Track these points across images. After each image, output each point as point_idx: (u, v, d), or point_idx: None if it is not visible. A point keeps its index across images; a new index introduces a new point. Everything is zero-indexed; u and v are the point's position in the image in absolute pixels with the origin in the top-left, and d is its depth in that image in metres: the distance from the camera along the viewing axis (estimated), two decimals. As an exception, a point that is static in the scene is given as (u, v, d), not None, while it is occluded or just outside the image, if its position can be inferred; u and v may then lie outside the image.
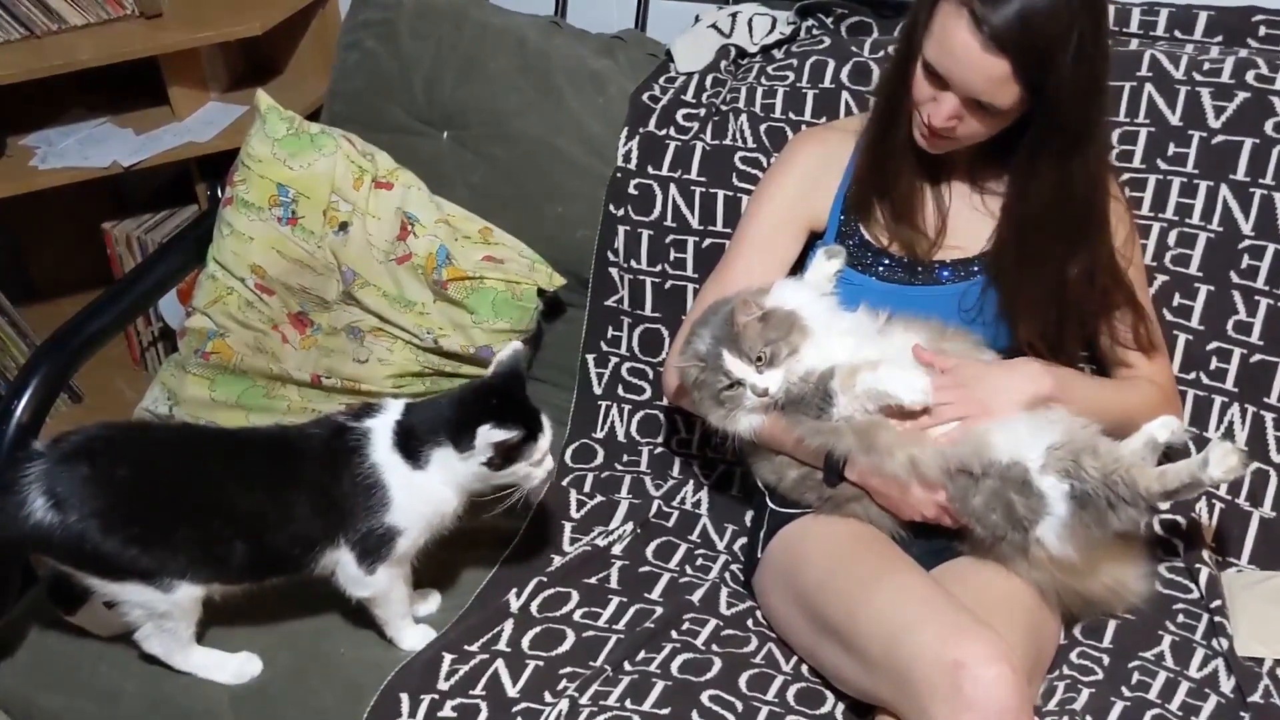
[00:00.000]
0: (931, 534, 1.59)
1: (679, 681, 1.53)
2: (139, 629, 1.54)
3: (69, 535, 1.44)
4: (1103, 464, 1.45)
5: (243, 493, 1.51)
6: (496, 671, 1.55)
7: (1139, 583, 1.63)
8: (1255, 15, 1.83)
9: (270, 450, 1.56)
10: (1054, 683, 1.54)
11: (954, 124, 1.52)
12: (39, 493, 1.44)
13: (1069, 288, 1.61)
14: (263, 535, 1.51)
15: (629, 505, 1.88)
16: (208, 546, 1.49)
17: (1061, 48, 1.43)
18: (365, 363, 2.00)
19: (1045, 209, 1.57)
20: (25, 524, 1.44)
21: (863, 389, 1.50)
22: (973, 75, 1.46)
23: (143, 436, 1.63)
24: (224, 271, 2.03)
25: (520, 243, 2.05)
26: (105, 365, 2.66)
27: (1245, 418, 1.73)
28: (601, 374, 2.02)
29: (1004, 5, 1.41)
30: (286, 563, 1.53)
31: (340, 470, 1.51)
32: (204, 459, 1.55)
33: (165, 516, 1.48)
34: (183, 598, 1.50)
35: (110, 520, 1.45)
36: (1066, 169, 1.54)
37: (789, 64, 1.97)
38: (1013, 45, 1.42)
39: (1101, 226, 1.62)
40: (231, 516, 1.50)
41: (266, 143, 2.02)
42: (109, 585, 1.50)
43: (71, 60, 2.29)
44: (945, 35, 1.47)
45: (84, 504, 1.45)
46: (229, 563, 1.51)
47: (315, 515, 1.51)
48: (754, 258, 1.72)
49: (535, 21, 2.17)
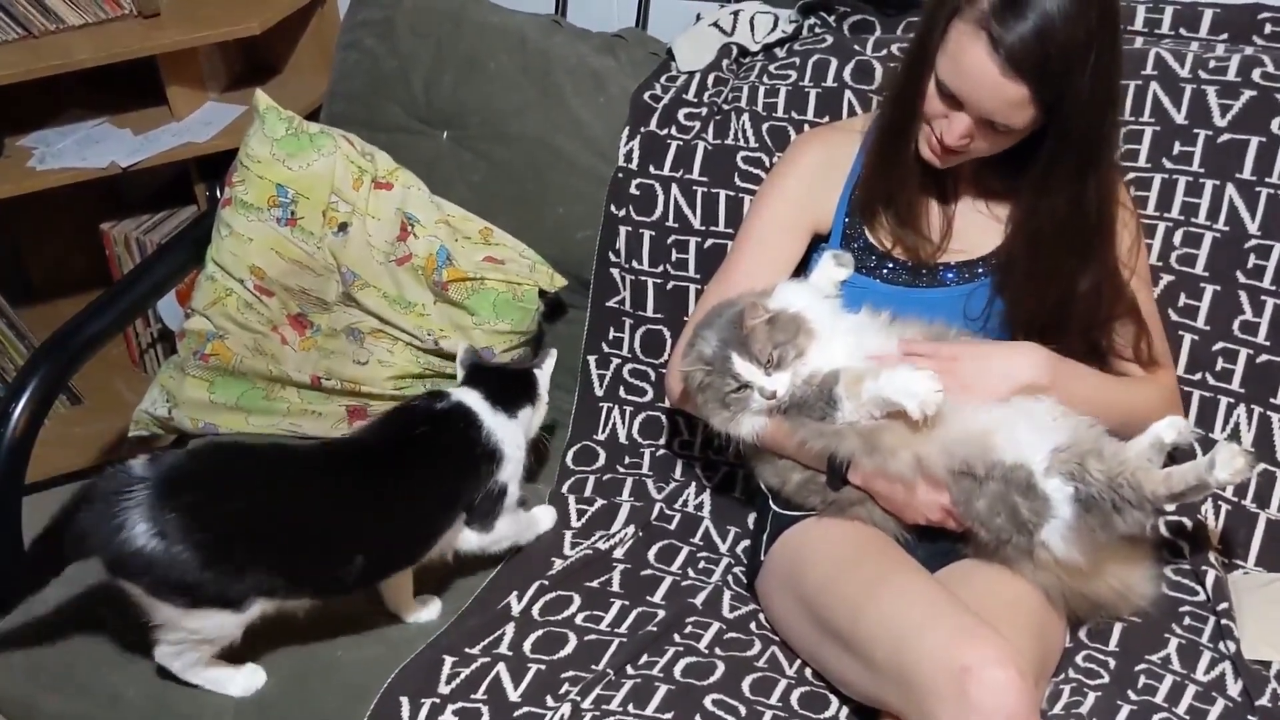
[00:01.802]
0: (936, 537, 1.58)
1: (682, 685, 1.52)
2: (166, 647, 1.50)
3: (170, 563, 1.39)
4: (1108, 466, 1.44)
5: (363, 505, 1.50)
6: (498, 675, 1.54)
7: (1145, 585, 1.62)
8: (1261, 13, 1.82)
9: (374, 456, 1.56)
10: (1060, 686, 1.53)
11: (966, 142, 1.51)
12: (141, 518, 1.38)
13: (1075, 301, 1.60)
14: (387, 541, 1.53)
15: (630, 508, 1.87)
16: (328, 565, 1.49)
17: (1080, 64, 1.41)
18: (365, 364, 1.98)
19: (1058, 225, 1.56)
20: (123, 548, 1.38)
21: (868, 396, 1.48)
22: (989, 98, 1.44)
23: (247, 456, 1.56)
24: (223, 273, 2.01)
25: (521, 243, 2.04)
26: (104, 366, 2.66)
27: (1252, 418, 1.71)
28: (603, 375, 2.01)
29: (1020, 22, 1.39)
30: (403, 560, 1.57)
31: (461, 448, 1.59)
32: (313, 476, 1.52)
33: (282, 542, 1.46)
34: (250, 616, 1.48)
35: (218, 550, 1.41)
36: (1081, 185, 1.53)
37: (791, 63, 1.96)
38: (1031, 67, 1.40)
39: (1110, 239, 1.60)
40: (355, 531, 1.49)
41: (265, 143, 2.00)
42: (188, 614, 1.44)
43: (69, 60, 2.28)
44: (961, 56, 1.44)
45: (191, 533, 1.39)
46: (346, 577, 1.50)
47: (439, 502, 1.57)
48: (757, 259, 1.71)
49: (535, 20, 2.15)
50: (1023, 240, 1.60)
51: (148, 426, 2.12)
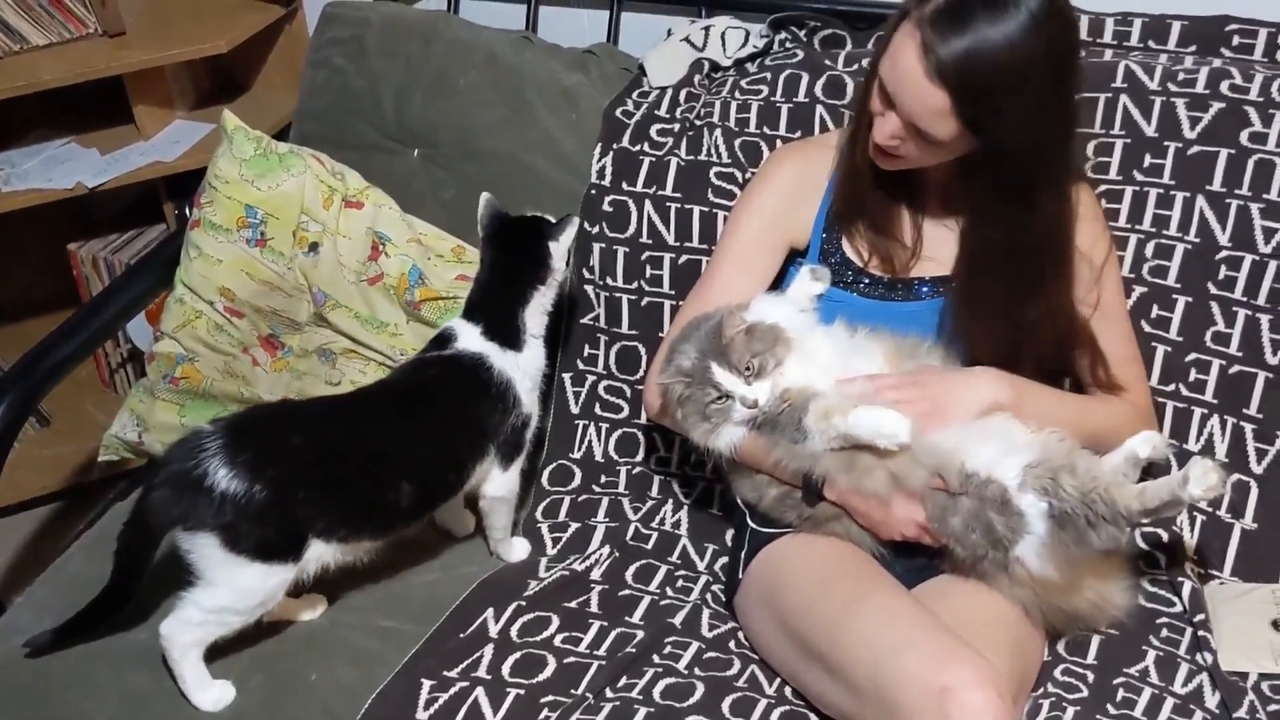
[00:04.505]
0: (913, 553, 1.58)
1: (661, 708, 1.51)
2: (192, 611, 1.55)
3: (248, 503, 1.50)
4: (1081, 482, 1.45)
5: (404, 438, 1.64)
6: (477, 700, 1.53)
7: (1122, 596, 1.62)
8: (1228, 25, 1.83)
9: (408, 396, 1.69)
10: (1039, 700, 1.53)
11: (896, 143, 1.52)
12: (220, 465, 1.50)
13: (1022, 329, 1.60)
14: (426, 471, 1.65)
15: (606, 529, 1.86)
16: (380, 490, 1.61)
17: (1010, 94, 1.42)
18: (338, 385, 1.97)
19: (995, 249, 1.57)
20: (208, 494, 1.49)
21: (836, 433, 1.49)
22: (912, 100, 1.46)
23: (299, 408, 1.77)
24: (192, 295, 1.99)
25: (494, 261, 2.02)
26: (74, 387, 2.63)
27: (1225, 429, 1.72)
28: (579, 393, 2.00)
29: (953, 39, 1.41)
30: (445, 491, 1.70)
31: (477, 388, 1.70)
32: (357, 417, 1.66)
33: (341, 471, 1.58)
34: (304, 568, 1.58)
35: (287, 485, 1.53)
36: (1020, 217, 1.53)
37: (762, 78, 1.96)
38: (954, 79, 1.42)
39: (1061, 273, 1.60)
40: (399, 462, 1.63)
41: (234, 163, 1.99)
42: (250, 566, 1.53)
43: (35, 80, 2.26)
44: (897, 55, 1.47)
45: (263, 471, 1.51)
46: (396, 504, 1.62)
47: (466, 437, 1.69)
48: (734, 275, 1.71)
49: (506, 37, 2.15)
50: (964, 262, 1.62)
51: (118, 451, 2.10)
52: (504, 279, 1.76)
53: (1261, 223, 1.70)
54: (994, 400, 1.54)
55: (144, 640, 1.62)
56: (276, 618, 1.64)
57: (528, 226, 1.77)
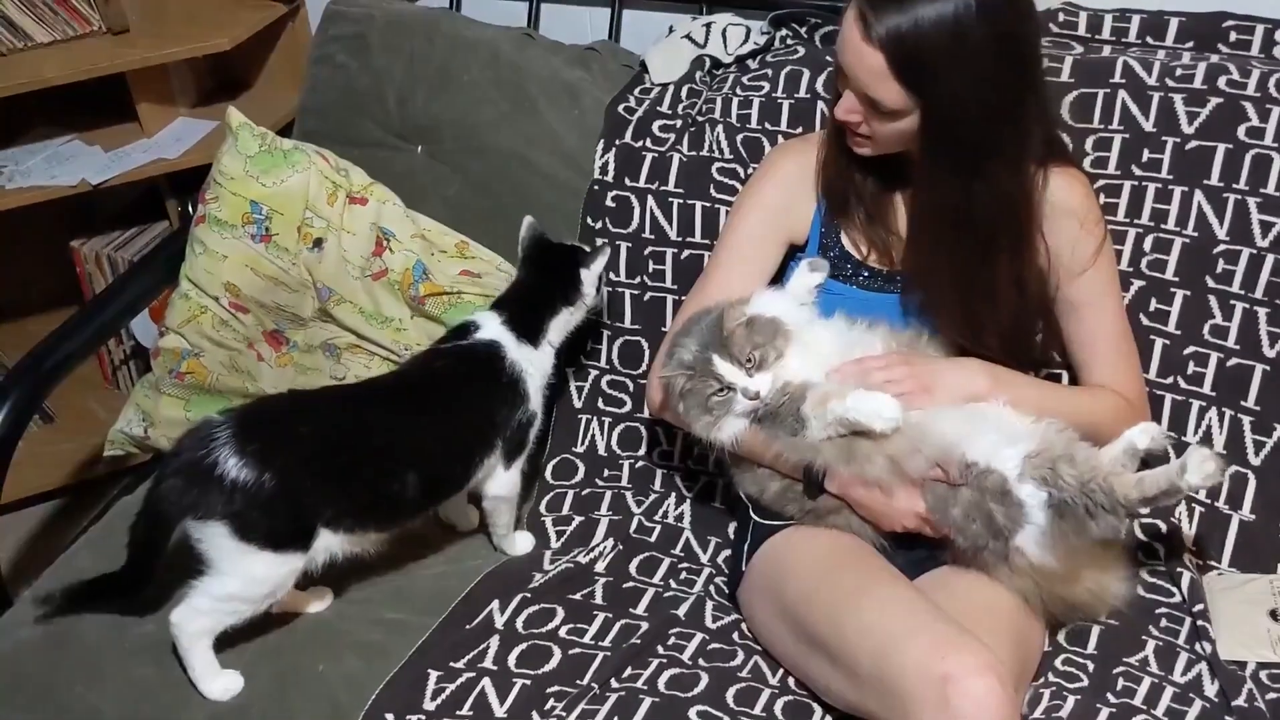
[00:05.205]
0: (913, 544, 1.59)
1: (666, 698, 1.52)
2: (201, 600, 1.55)
3: (258, 491, 1.51)
4: (1080, 472, 1.46)
5: (412, 428, 1.65)
6: (483, 690, 1.54)
7: (1121, 586, 1.64)
8: (1225, 21, 1.84)
9: (418, 387, 1.72)
10: (1040, 690, 1.54)
11: (856, 118, 1.54)
12: (230, 454, 1.51)
13: (977, 303, 1.61)
14: (432, 462, 1.66)
15: (609, 522, 1.87)
16: (385, 480, 1.62)
17: (947, 57, 1.44)
18: (343, 380, 1.98)
19: (943, 221, 1.58)
20: (219, 483, 1.51)
21: (833, 417, 1.50)
22: (855, 63, 1.49)
23: (309, 398, 1.76)
24: (197, 290, 2.00)
25: (498, 256, 2.03)
26: (77, 384, 2.63)
27: (1223, 421, 1.74)
28: (581, 387, 2.01)
29: (890, 4, 1.44)
30: (450, 485, 1.71)
31: (488, 379, 1.72)
32: (367, 407, 1.67)
33: (348, 461, 1.60)
34: (312, 558, 1.58)
35: (295, 475, 1.54)
36: (965, 187, 1.54)
37: (764, 74, 1.97)
38: (888, 40, 1.44)
39: (1014, 248, 1.60)
40: (404, 453, 1.64)
41: (238, 160, 2.00)
42: (259, 556, 1.54)
43: (38, 78, 2.26)
44: (843, 29, 1.50)
45: (272, 461, 1.53)
46: (402, 496, 1.63)
47: (472, 429, 1.70)
48: (735, 270, 1.72)
49: (508, 33, 2.16)
50: (913, 230, 1.64)
51: (124, 446, 2.11)
52: (538, 286, 1.81)
53: (1259, 217, 1.72)
54: (974, 389, 1.56)
55: (151, 632, 1.63)
56: (284, 609, 1.66)
57: (563, 252, 1.84)
